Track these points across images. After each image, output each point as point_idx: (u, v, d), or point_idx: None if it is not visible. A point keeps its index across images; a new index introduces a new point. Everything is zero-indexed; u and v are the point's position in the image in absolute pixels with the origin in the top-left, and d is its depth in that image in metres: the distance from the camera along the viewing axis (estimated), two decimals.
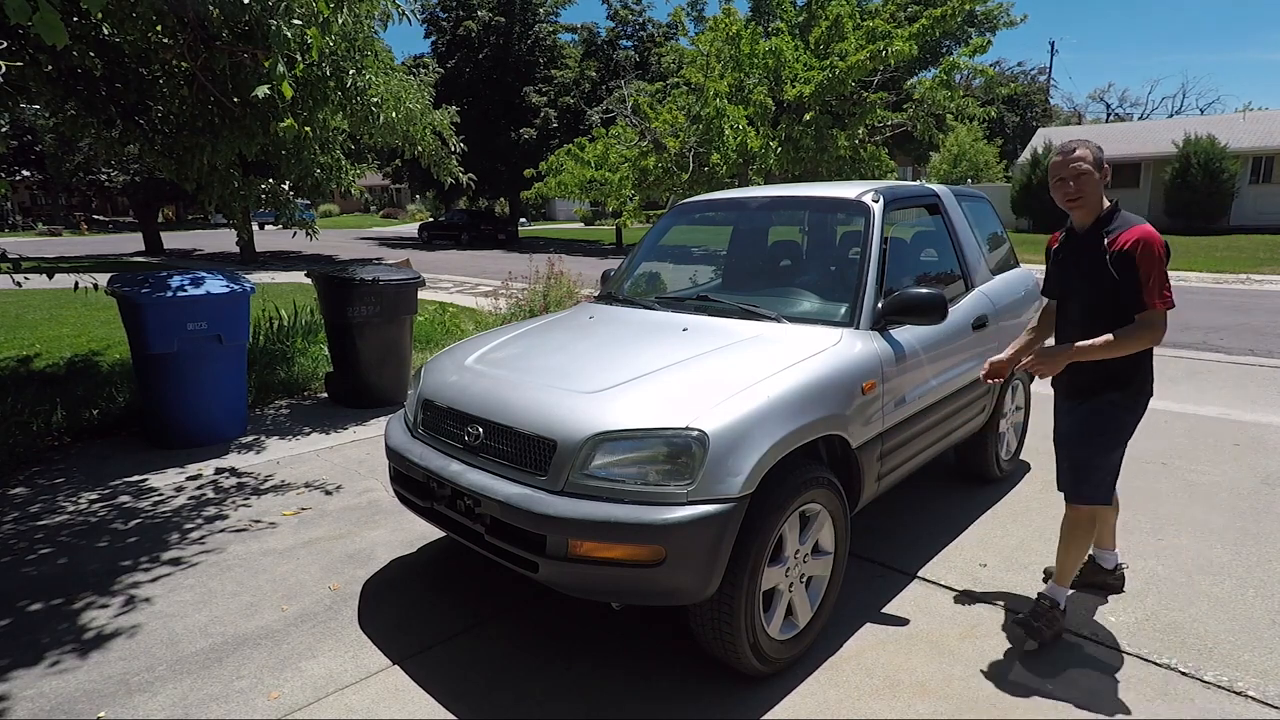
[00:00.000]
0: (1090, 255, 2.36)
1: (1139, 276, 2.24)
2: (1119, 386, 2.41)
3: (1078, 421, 2.46)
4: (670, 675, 2.34)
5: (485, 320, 8.22)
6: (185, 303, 4.29)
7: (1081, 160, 2.33)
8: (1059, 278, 2.56)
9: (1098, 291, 2.35)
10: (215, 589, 2.89)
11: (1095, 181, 2.32)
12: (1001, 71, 39.94)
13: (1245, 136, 22.12)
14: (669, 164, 11.24)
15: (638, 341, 2.78)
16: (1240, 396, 5.43)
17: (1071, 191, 2.35)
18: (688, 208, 3.88)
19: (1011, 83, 31.27)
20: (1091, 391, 2.43)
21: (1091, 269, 2.35)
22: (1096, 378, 2.41)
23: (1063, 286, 2.54)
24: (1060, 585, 2.54)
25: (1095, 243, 2.35)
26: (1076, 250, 2.45)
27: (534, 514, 2.08)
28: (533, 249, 19.08)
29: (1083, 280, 2.41)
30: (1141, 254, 2.24)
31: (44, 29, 2.07)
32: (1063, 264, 2.52)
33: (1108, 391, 2.41)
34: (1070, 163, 2.34)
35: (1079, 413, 2.46)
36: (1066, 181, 2.35)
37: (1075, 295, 2.47)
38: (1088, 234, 2.40)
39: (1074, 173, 2.33)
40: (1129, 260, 2.25)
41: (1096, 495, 2.44)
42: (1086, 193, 2.34)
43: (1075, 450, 2.47)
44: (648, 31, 28.30)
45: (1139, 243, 2.25)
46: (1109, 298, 2.32)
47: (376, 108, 4.95)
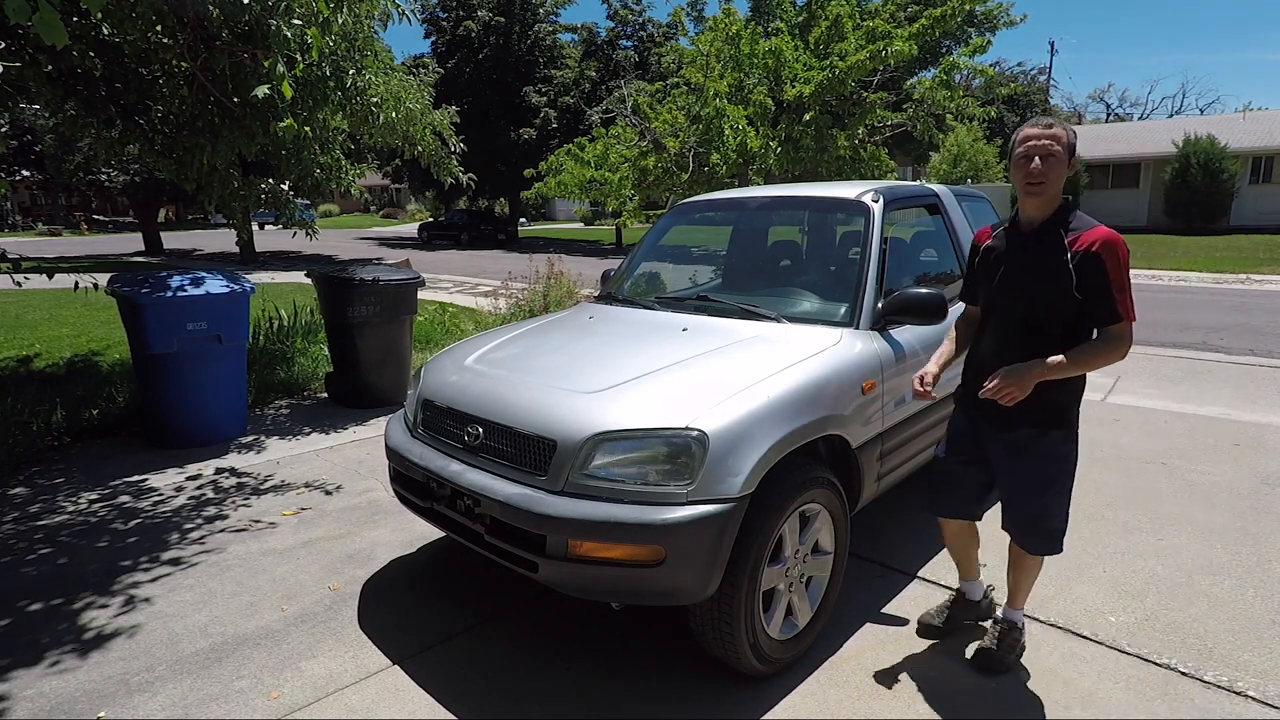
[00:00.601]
0: (1043, 256, 2.04)
1: (1108, 283, 1.96)
2: (1064, 423, 2.13)
3: (1029, 470, 2.16)
4: (670, 675, 2.34)
5: (485, 320, 8.22)
6: (185, 303, 4.29)
7: (1056, 140, 1.99)
8: (994, 281, 2.18)
9: (1050, 299, 2.03)
10: (215, 589, 2.89)
11: (1063, 170, 2.00)
12: (1001, 71, 39.94)
13: (1245, 136, 22.12)
14: (669, 164, 11.24)
15: (638, 341, 2.78)
16: (1240, 396, 5.43)
17: (1036, 174, 1.99)
18: (688, 208, 3.88)
19: (1011, 83, 31.25)
20: (1030, 424, 2.13)
21: (1044, 272, 2.03)
22: (1038, 410, 2.09)
23: (1000, 292, 2.16)
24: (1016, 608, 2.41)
25: (1051, 242, 2.04)
26: (1022, 249, 2.11)
27: (534, 514, 2.08)
28: (533, 249, 19.08)
29: (1031, 285, 2.07)
30: (1110, 257, 1.96)
31: (44, 29, 2.07)
32: (1002, 265, 2.16)
33: (1052, 429, 2.12)
34: (1044, 138, 2.00)
35: (1022, 454, 2.15)
36: (1032, 159, 2.00)
37: (1017, 302, 2.11)
38: (1041, 231, 2.07)
39: (1045, 151, 1.99)
40: (1096, 264, 1.96)
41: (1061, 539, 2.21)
42: (1051, 180, 2.00)
43: (1034, 499, 2.17)
44: (647, 31, 28.30)
45: (1107, 244, 1.96)
46: (1062, 306, 2.02)
47: (376, 108, 4.94)
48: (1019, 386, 1.99)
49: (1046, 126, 2.01)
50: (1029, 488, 2.17)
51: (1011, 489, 2.22)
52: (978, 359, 2.26)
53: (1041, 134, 2.00)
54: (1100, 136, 26.42)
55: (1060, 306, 2.03)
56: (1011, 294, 2.12)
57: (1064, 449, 2.14)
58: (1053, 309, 2.04)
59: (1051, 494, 2.16)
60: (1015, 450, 2.16)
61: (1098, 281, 1.97)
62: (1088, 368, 2.04)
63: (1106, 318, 1.99)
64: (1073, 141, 2.02)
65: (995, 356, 2.15)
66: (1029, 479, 2.17)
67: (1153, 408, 5.20)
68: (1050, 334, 2.05)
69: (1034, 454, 2.13)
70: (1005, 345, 2.14)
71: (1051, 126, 2.01)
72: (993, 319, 2.21)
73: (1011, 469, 2.19)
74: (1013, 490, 2.22)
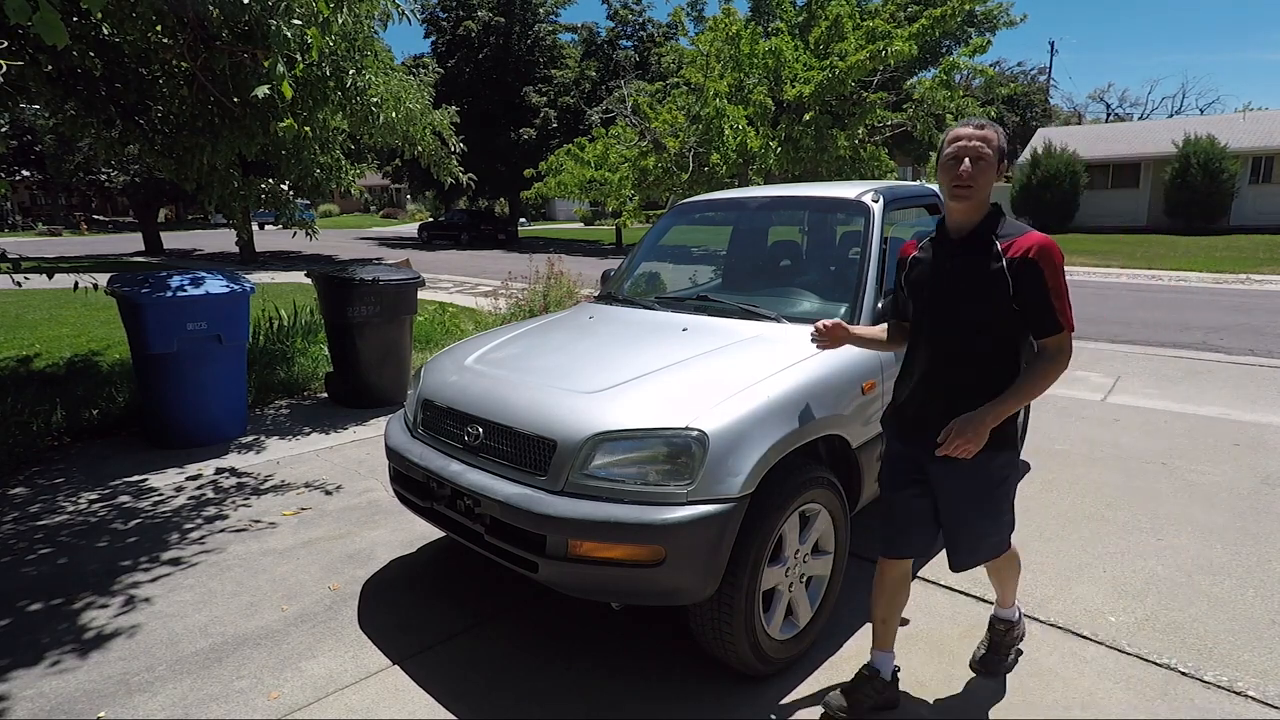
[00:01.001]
0: (976, 265, 1.90)
1: (1046, 291, 1.84)
2: (1011, 443, 1.99)
3: (974, 493, 2.01)
4: (670, 675, 2.34)
5: (485, 320, 8.22)
6: (185, 303, 4.29)
7: (986, 142, 1.86)
8: (924, 295, 2.02)
9: (986, 310, 1.89)
10: (215, 589, 2.89)
11: (993, 174, 1.88)
12: (1001, 71, 39.94)
13: (1245, 136, 22.12)
14: (669, 164, 11.24)
15: (638, 341, 2.78)
16: (1240, 396, 5.43)
17: (964, 177, 1.85)
18: (688, 208, 3.88)
19: (1011, 83, 31.26)
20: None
21: (978, 283, 1.89)
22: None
23: (932, 306, 2.00)
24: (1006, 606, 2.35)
25: (983, 250, 1.90)
26: (952, 259, 1.96)
27: (534, 514, 2.08)
28: (532, 249, 19.07)
29: (965, 297, 1.92)
30: (1047, 264, 1.84)
31: (44, 29, 2.07)
32: (932, 278, 2.00)
33: (998, 452, 1.96)
34: (975, 140, 1.86)
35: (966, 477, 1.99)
36: (961, 161, 1.86)
37: (950, 316, 1.96)
38: (971, 239, 1.93)
39: (975, 153, 1.85)
40: (1033, 271, 1.83)
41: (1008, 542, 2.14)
42: (980, 184, 1.87)
43: (979, 522, 2.05)
44: (648, 31, 28.30)
45: (1043, 250, 1.84)
46: (999, 318, 1.89)
47: (376, 108, 4.94)
48: (975, 440, 1.85)
49: (978, 128, 1.88)
50: (974, 512, 2.04)
51: (955, 516, 2.06)
52: (910, 378, 2.09)
53: (972, 135, 1.87)
54: (1100, 136, 26.42)
55: (996, 318, 1.89)
56: (944, 307, 1.96)
57: (1009, 471, 2.03)
58: (988, 321, 1.90)
59: (996, 516, 2.06)
60: (958, 473, 1.99)
61: (1036, 290, 1.84)
62: (1036, 395, 1.92)
63: (1047, 328, 1.87)
64: (1003, 145, 1.90)
65: (929, 376, 2.01)
66: (974, 502, 2.02)
67: (1153, 408, 5.20)
68: (985, 349, 1.92)
69: (978, 476, 1.98)
70: (939, 363, 1.99)
71: (983, 128, 1.88)
72: (924, 335, 2.04)
73: (953, 492, 2.03)
74: (958, 519, 2.06)
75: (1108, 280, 12.90)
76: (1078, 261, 15.41)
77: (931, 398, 2.00)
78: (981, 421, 1.86)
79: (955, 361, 1.95)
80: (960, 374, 1.95)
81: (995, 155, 1.87)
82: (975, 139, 1.86)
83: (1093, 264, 15.06)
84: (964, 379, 1.94)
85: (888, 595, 2.18)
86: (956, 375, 1.95)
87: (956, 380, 1.95)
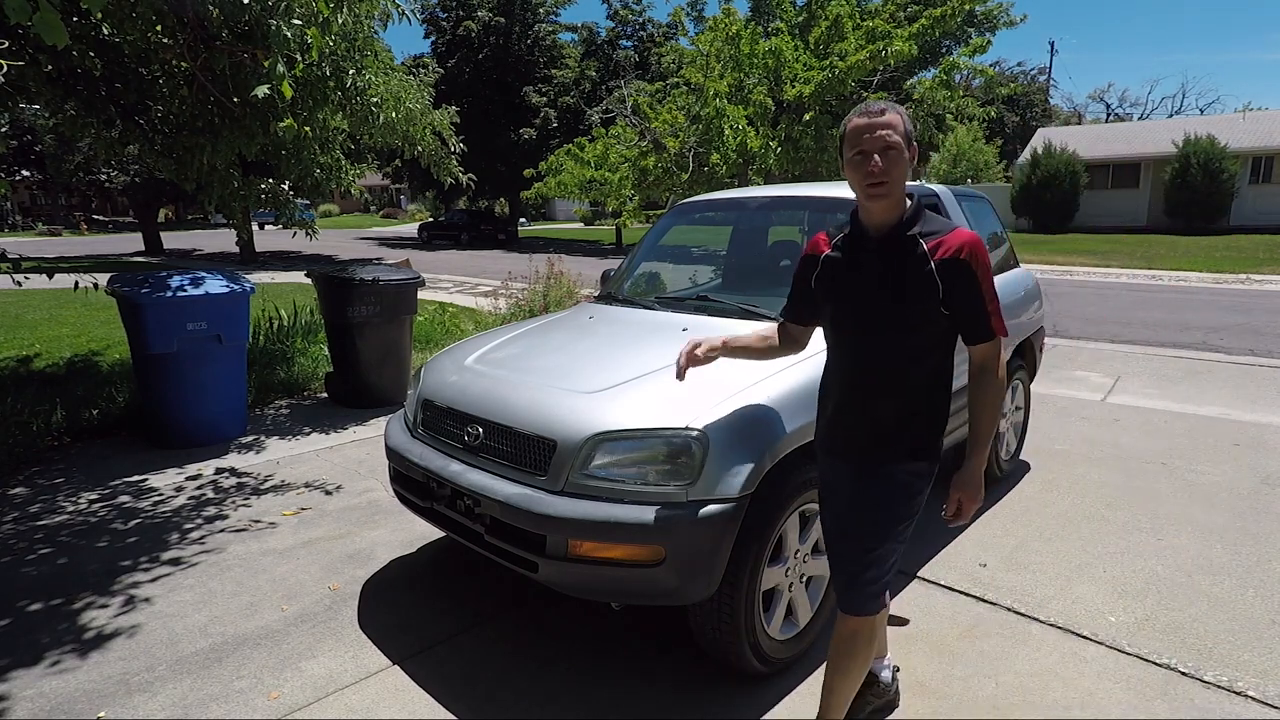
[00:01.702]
0: (901, 267, 1.69)
1: (979, 294, 1.67)
2: (925, 454, 1.77)
3: (873, 500, 1.77)
4: (670, 675, 2.34)
5: (485, 320, 8.22)
6: (185, 303, 4.29)
7: (891, 128, 1.64)
8: (841, 300, 1.79)
9: (912, 316, 1.69)
10: (215, 589, 2.89)
11: (905, 163, 1.66)
12: (1001, 71, 39.98)
13: (1245, 136, 22.13)
14: (669, 164, 11.24)
15: (637, 341, 2.78)
16: (1240, 396, 5.43)
17: (876, 172, 1.63)
18: (687, 208, 3.88)
19: (1011, 83, 31.29)
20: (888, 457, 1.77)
21: (905, 286, 1.68)
22: (901, 436, 1.76)
23: (852, 314, 1.77)
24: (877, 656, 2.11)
25: (905, 249, 1.69)
26: (873, 260, 1.74)
27: (534, 514, 2.09)
28: (532, 249, 19.07)
29: (891, 303, 1.70)
30: (978, 264, 1.66)
31: (44, 29, 2.07)
32: (849, 282, 1.78)
33: (912, 461, 1.76)
34: (877, 128, 1.63)
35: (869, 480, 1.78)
36: (869, 157, 1.63)
37: (874, 325, 1.74)
38: (893, 238, 1.71)
39: (880, 144, 1.63)
40: (964, 272, 1.65)
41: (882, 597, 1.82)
42: (894, 177, 1.65)
43: (867, 541, 1.77)
44: (648, 31, 28.31)
45: (973, 249, 1.66)
46: (928, 325, 1.70)
47: (376, 108, 4.94)
48: (975, 500, 1.76)
49: (878, 113, 1.65)
50: (865, 523, 1.78)
51: (844, 524, 1.83)
52: (832, 392, 1.87)
53: (874, 123, 1.64)
54: (1100, 136, 26.43)
55: (925, 324, 1.70)
56: (866, 313, 1.74)
57: (919, 485, 1.78)
58: (916, 327, 1.70)
59: (894, 530, 1.77)
60: (862, 475, 1.80)
61: (967, 293, 1.66)
62: (996, 419, 1.76)
63: (980, 334, 1.70)
64: (909, 128, 1.67)
65: (852, 388, 1.81)
66: (868, 511, 1.78)
67: (1153, 408, 5.20)
68: (912, 358, 1.73)
69: (884, 481, 1.76)
70: (863, 374, 1.78)
71: (884, 112, 1.65)
72: (844, 348, 1.82)
73: (851, 497, 1.81)
74: (845, 525, 1.83)
75: (1108, 280, 12.90)
76: (1078, 261, 15.42)
77: (859, 413, 1.80)
78: (978, 474, 1.75)
79: (880, 372, 1.76)
80: (886, 384, 1.75)
81: (904, 140, 1.66)
82: (880, 127, 1.63)
83: (1093, 264, 15.06)
84: (890, 390, 1.75)
85: None
86: (883, 386, 1.76)
87: (883, 392, 1.76)
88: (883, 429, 1.77)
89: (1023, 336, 3.90)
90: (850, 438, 1.82)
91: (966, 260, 1.66)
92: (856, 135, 1.67)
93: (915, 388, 1.76)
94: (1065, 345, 7.43)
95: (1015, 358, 3.84)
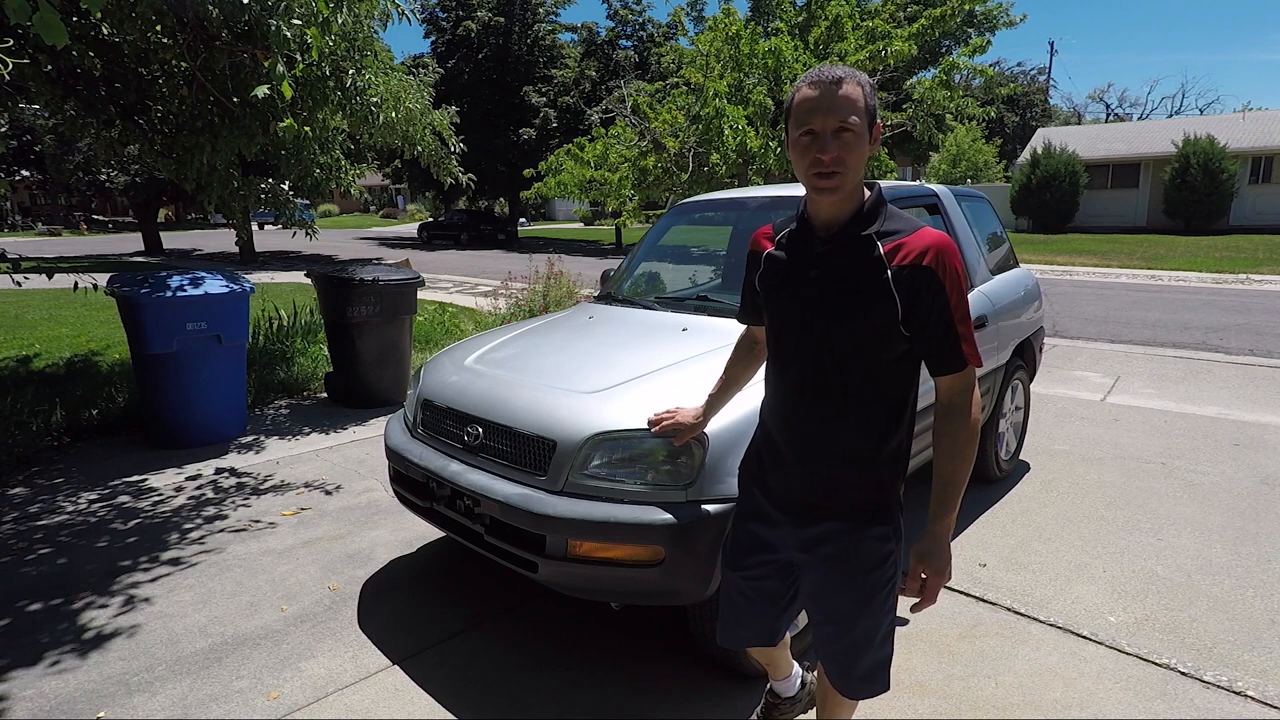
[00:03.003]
0: (851, 273, 1.38)
1: (948, 311, 1.34)
2: (886, 516, 1.48)
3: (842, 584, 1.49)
4: (670, 675, 2.34)
5: (485, 320, 8.22)
6: (185, 303, 4.29)
7: (849, 102, 1.30)
8: (783, 310, 1.48)
9: (865, 336, 1.38)
10: (215, 589, 2.89)
11: (864, 149, 1.34)
12: (1001, 71, 39.99)
13: (1245, 136, 22.14)
14: (669, 164, 11.24)
15: (637, 341, 2.78)
16: (1240, 396, 5.43)
17: (827, 161, 1.32)
18: (687, 208, 3.88)
19: (1011, 83, 31.32)
20: (839, 517, 1.47)
21: (855, 298, 1.37)
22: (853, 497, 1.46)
23: (794, 326, 1.46)
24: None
25: (860, 251, 1.38)
26: (820, 263, 1.42)
27: (533, 514, 2.09)
28: (532, 249, 19.08)
29: (837, 316, 1.39)
30: (948, 275, 1.33)
31: (44, 29, 2.07)
32: (791, 287, 1.46)
33: (870, 524, 1.47)
34: (832, 104, 1.30)
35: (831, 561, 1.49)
36: (822, 139, 1.31)
37: (817, 342, 1.42)
38: (844, 237, 1.40)
39: (835, 122, 1.31)
40: (930, 284, 1.33)
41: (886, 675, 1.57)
42: (850, 165, 1.33)
43: (850, 623, 1.51)
44: (647, 31, 28.30)
45: (942, 255, 1.33)
46: (883, 347, 1.39)
47: (376, 108, 4.94)
48: (945, 570, 1.43)
49: (833, 82, 1.31)
50: (843, 609, 1.51)
51: (820, 611, 1.56)
52: (771, 423, 1.58)
53: (826, 95, 1.31)
54: (1100, 136, 26.43)
55: (879, 347, 1.38)
56: (810, 333, 1.42)
57: (885, 549, 1.48)
58: (870, 352, 1.39)
59: (869, 614, 1.50)
60: (822, 556, 1.50)
61: (934, 309, 1.34)
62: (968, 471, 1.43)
63: (947, 362, 1.37)
64: (872, 102, 1.35)
65: (792, 420, 1.51)
66: (842, 596, 1.50)
67: (1152, 408, 5.20)
68: (867, 391, 1.41)
69: (847, 560, 1.48)
70: (805, 407, 1.47)
71: (841, 82, 1.31)
72: (784, 366, 1.51)
73: (819, 582, 1.52)
74: (823, 614, 1.55)
75: (1107, 280, 12.90)
76: (1078, 261, 15.42)
77: (800, 454, 1.49)
78: (946, 541, 1.42)
79: (826, 403, 1.44)
80: (832, 418, 1.44)
81: (865, 120, 1.33)
82: (836, 103, 1.30)
83: (1093, 264, 15.06)
84: (837, 425, 1.44)
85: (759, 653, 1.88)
86: (828, 419, 1.45)
87: (828, 426, 1.45)
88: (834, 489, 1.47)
89: (1022, 336, 3.90)
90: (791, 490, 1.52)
91: (932, 268, 1.32)
92: (805, 110, 1.33)
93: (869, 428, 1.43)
94: (1065, 345, 7.43)
95: (1015, 358, 3.84)
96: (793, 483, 1.52)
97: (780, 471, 1.55)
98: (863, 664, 1.53)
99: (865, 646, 1.52)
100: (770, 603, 1.65)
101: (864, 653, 1.53)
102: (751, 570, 1.63)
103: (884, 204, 1.42)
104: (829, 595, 1.52)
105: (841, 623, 1.52)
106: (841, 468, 1.46)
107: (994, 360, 3.55)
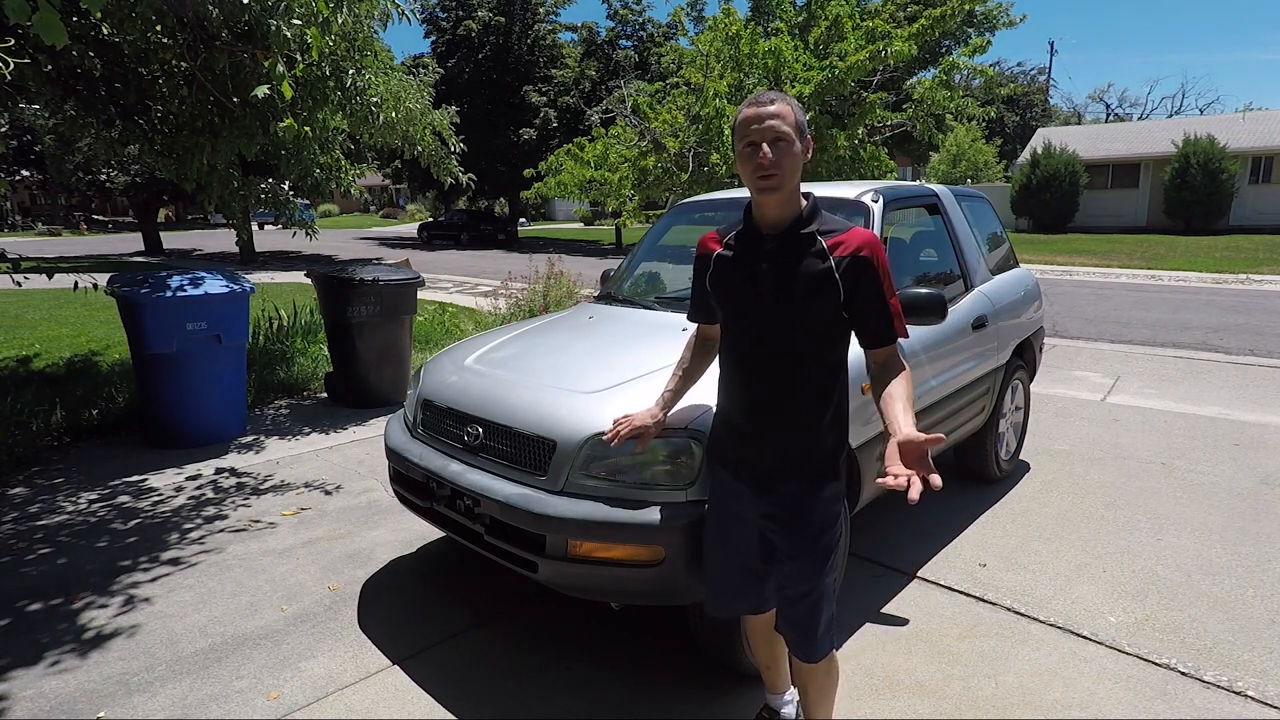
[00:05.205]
0: (798, 266, 1.62)
1: (881, 293, 1.62)
2: (836, 472, 1.71)
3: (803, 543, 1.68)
4: (670, 675, 2.34)
5: (485, 320, 8.22)
6: (184, 303, 4.29)
7: (780, 118, 1.56)
8: (736, 304, 1.71)
9: (812, 319, 1.63)
10: (215, 589, 2.89)
11: (797, 156, 1.58)
12: (1001, 71, 39.99)
13: (1245, 136, 22.14)
14: (669, 164, 11.23)
15: (637, 341, 2.78)
16: (1240, 396, 5.43)
17: (766, 164, 1.56)
18: (687, 208, 3.88)
19: (1011, 83, 31.32)
20: (800, 475, 1.69)
21: (804, 287, 1.61)
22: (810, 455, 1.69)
23: (748, 317, 1.69)
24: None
25: (803, 247, 1.63)
26: (769, 260, 1.65)
27: (533, 514, 2.09)
28: (532, 249, 19.09)
29: (789, 304, 1.62)
30: (880, 263, 1.62)
31: (44, 29, 2.07)
32: (743, 283, 1.69)
33: (825, 480, 1.69)
34: (766, 118, 1.56)
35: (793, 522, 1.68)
36: (758, 149, 1.56)
37: (771, 328, 1.66)
38: (789, 236, 1.64)
39: (772, 133, 1.56)
40: (866, 271, 1.60)
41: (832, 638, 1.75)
42: (785, 168, 1.57)
43: (812, 581, 1.68)
44: (647, 31, 28.29)
45: (873, 247, 1.61)
46: (829, 328, 1.65)
47: (376, 108, 4.94)
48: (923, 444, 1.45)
49: (768, 103, 1.58)
50: (805, 568, 1.68)
51: (784, 572, 1.72)
52: (728, 405, 1.79)
53: (762, 113, 1.57)
54: (1100, 136, 26.44)
55: (826, 328, 1.65)
56: (764, 318, 1.66)
57: (836, 508, 1.70)
58: (817, 332, 1.65)
59: (827, 573, 1.69)
60: (784, 518, 1.70)
61: (870, 293, 1.61)
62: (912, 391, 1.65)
63: (881, 336, 1.66)
64: (801, 119, 1.60)
65: (750, 397, 1.72)
66: (804, 555, 1.68)
67: (1153, 408, 5.20)
68: (812, 363, 1.67)
69: (807, 518, 1.68)
70: (761, 380, 1.70)
71: (774, 102, 1.58)
72: (739, 354, 1.74)
73: (784, 542, 1.70)
74: (786, 575, 1.72)
75: (1107, 280, 12.90)
76: (1078, 261, 15.42)
77: (760, 425, 1.71)
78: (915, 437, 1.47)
79: (780, 378, 1.67)
80: (786, 391, 1.67)
81: (795, 131, 1.59)
82: (769, 117, 1.56)
83: (1093, 264, 15.06)
84: (791, 397, 1.67)
85: (763, 640, 1.98)
86: (783, 392, 1.68)
87: (783, 398, 1.68)
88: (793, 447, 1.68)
89: (1022, 336, 3.90)
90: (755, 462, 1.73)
91: (868, 258, 1.60)
92: (745, 126, 1.59)
93: (818, 398, 1.67)
94: (1065, 345, 7.43)
95: (1015, 358, 3.84)
96: (752, 451, 1.74)
97: (740, 444, 1.76)
98: (822, 621, 1.71)
99: (825, 602, 1.71)
100: (751, 570, 1.82)
101: (824, 609, 1.71)
102: (730, 541, 1.82)
103: (820, 209, 1.69)
104: (794, 556, 1.70)
105: (808, 580, 1.69)
106: (793, 431, 1.69)
107: (994, 360, 3.55)
